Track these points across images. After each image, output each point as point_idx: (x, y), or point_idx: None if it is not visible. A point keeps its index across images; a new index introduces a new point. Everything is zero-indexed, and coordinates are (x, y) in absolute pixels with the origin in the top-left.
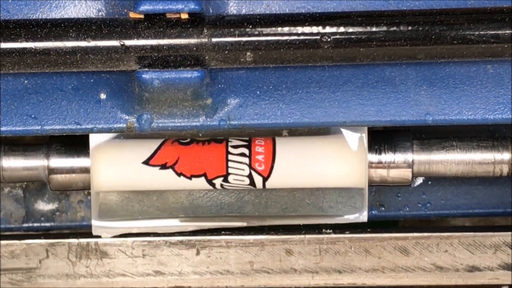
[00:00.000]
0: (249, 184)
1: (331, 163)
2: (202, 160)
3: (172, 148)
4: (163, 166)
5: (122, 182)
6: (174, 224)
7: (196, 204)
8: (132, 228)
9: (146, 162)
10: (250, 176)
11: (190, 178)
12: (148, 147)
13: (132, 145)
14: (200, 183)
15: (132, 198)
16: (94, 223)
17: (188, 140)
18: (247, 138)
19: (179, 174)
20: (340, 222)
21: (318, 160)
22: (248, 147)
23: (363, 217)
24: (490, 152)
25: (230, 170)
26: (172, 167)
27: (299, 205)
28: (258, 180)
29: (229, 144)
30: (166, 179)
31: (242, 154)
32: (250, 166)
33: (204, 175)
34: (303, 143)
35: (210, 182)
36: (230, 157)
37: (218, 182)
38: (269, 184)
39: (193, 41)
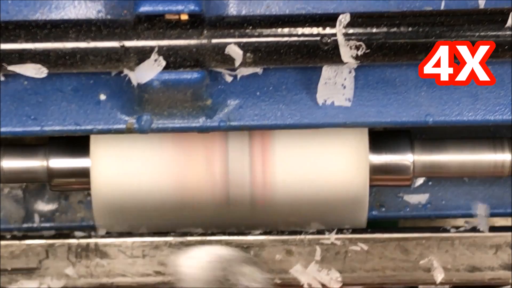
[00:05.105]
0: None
1: (331, 171)
2: None
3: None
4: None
5: (123, 189)
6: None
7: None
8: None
9: (148, 169)
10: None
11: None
12: (149, 152)
13: (133, 150)
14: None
15: (132, 210)
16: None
17: None
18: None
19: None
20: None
21: (319, 168)
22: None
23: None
24: (490, 153)
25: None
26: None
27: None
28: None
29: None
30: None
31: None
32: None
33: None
34: (303, 149)
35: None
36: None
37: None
38: (270, 192)
39: (193, 42)
